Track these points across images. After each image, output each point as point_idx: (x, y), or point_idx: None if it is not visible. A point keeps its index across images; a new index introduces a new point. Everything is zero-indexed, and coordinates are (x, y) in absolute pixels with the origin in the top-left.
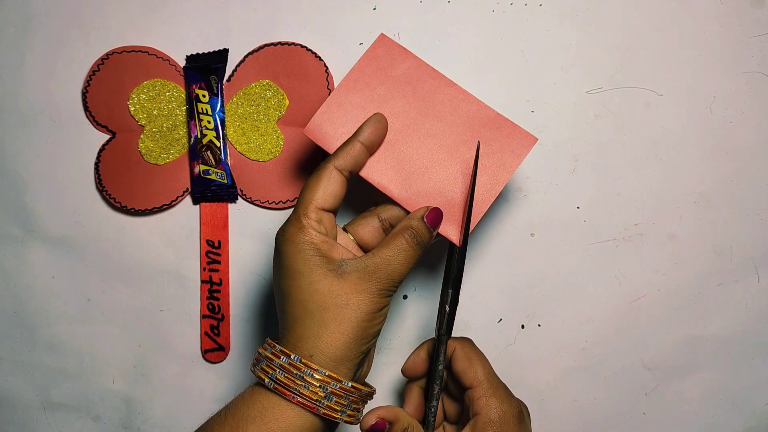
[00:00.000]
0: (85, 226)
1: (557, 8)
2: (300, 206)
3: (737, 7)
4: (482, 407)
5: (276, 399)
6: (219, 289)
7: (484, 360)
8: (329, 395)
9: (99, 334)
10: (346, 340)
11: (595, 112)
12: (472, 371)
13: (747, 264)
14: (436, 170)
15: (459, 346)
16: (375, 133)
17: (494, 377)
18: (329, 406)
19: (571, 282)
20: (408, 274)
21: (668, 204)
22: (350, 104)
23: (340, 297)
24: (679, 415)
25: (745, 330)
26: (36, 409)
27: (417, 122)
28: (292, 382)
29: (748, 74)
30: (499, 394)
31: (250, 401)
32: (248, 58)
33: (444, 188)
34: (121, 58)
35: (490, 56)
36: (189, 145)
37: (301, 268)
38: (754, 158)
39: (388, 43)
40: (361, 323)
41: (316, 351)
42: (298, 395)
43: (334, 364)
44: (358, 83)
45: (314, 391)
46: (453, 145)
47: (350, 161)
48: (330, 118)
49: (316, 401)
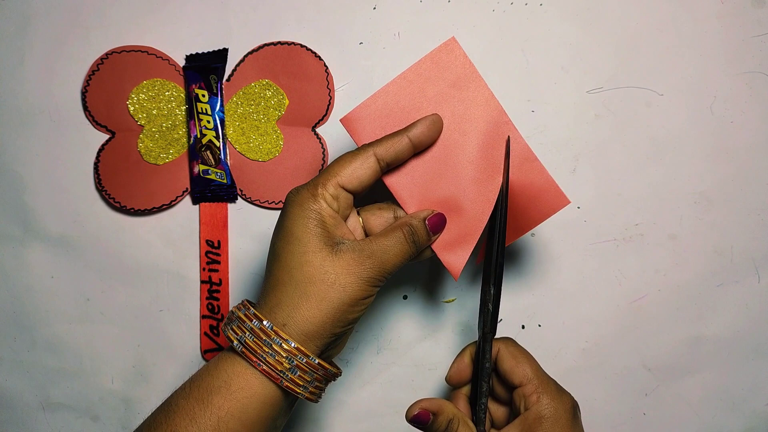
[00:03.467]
0: (85, 226)
1: (557, 8)
2: (322, 176)
3: (737, 7)
4: (533, 404)
5: (241, 367)
6: (219, 289)
7: (531, 357)
8: (294, 368)
9: (98, 334)
10: (323, 318)
11: (596, 112)
12: (520, 369)
13: (747, 264)
14: (461, 201)
15: (503, 345)
16: (426, 133)
17: (543, 374)
18: (292, 379)
19: (571, 282)
20: (400, 268)
21: (669, 204)
22: (395, 104)
23: (329, 274)
24: (679, 415)
25: (745, 330)
26: (35, 409)
27: (456, 145)
28: (259, 348)
29: (749, 74)
30: (550, 390)
31: (214, 371)
32: (248, 58)
33: (463, 219)
34: (120, 58)
35: (490, 56)
36: (188, 144)
37: (300, 234)
38: (755, 158)
39: (456, 52)
40: (342, 306)
41: (291, 321)
42: (264, 363)
43: (304, 338)
44: (411, 85)
45: (280, 360)
46: (484, 179)
47: (392, 153)
48: (371, 114)
49: (280, 372)
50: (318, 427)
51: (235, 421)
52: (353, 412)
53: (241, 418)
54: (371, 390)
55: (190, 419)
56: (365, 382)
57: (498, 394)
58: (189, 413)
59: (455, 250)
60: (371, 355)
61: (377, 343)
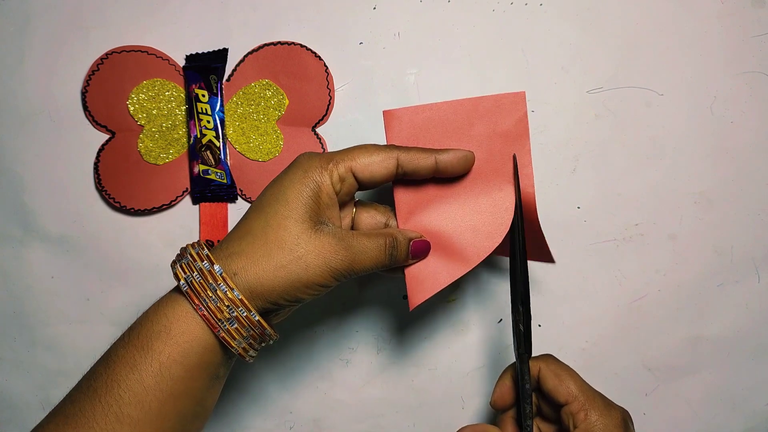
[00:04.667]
0: (85, 226)
1: (557, 8)
2: (339, 153)
3: (738, 7)
4: (581, 421)
5: (182, 311)
6: None
7: (573, 373)
8: (233, 319)
9: (98, 334)
10: (274, 284)
11: (596, 112)
12: (564, 387)
13: (747, 264)
14: (451, 243)
15: (543, 364)
16: (454, 165)
17: (589, 389)
18: (229, 330)
19: (571, 282)
20: (368, 272)
21: (669, 204)
22: (439, 123)
23: (300, 248)
24: (679, 415)
25: (745, 330)
26: (35, 409)
27: (474, 190)
28: (203, 291)
29: (749, 74)
30: (597, 405)
31: (154, 317)
32: (248, 58)
33: (444, 260)
34: (120, 58)
35: (490, 56)
36: (188, 144)
37: (291, 198)
38: (755, 158)
39: (520, 106)
40: (298, 282)
41: (243, 273)
42: (206, 308)
43: (249, 294)
44: (463, 114)
45: (221, 308)
46: (483, 235)
47: (413, 165)
48: (412, 120)
49: (219, 321)
50: (318, 427)
51: (177, 366)
52: (353, 412)
53: (183, 362)
54: (371, 390)
55: (130, 367)
56: (365, 382)
57: (546, 414)
58: (129, 361)
59: (423, 284)
60: (371, 355)
61: (377, 343)
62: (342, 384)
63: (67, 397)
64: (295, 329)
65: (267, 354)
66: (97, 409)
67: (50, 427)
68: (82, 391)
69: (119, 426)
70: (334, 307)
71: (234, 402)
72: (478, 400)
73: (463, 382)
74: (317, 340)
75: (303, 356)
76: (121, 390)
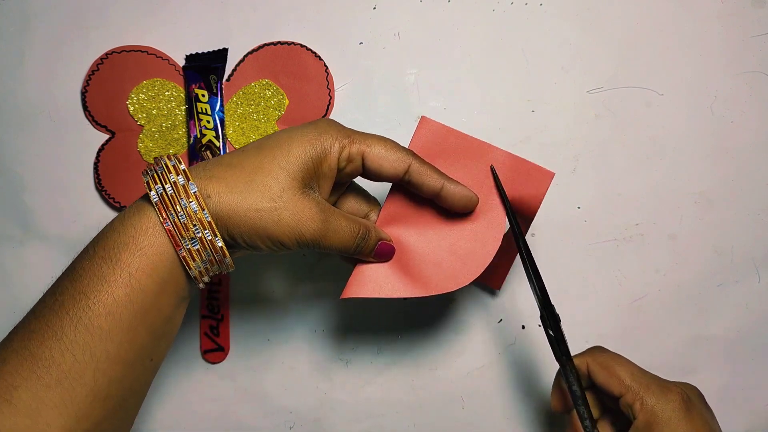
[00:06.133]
0: (85, 226)
1: (557, 8)
2: (358, 134)
3: (738, 7)
4: (638, 411)
5: (149, 223)
6: (218, 289)
7: (623, 361)
8: (196, 240)
9: None
10: (241, 223)
11: (596, 112)
12: (614, 379)
13: (748, 264)
14: (413, 265)
15: (590, 359)
16: (456, 200)
17: (642, 374)
18: (191, 250)
19: (571, 282)
20: (328, 252)
21: (669, 204)
22: (463, 155)
23: (281, 200)
24: None
25: (745, 330)
26: None
27: (462, 232)
28: (172, 205)
29: (749, 74)
30: (652, 391)
31: (120, 228)
32: (248, 58)
33: (396, 275)
34: (120, 58)
35: (490, 56)
36: (188, 144)
37: (293, 150)
38: (755, 158)
39: (544, 182)
40: (264, 232)
41: (216, 198)
42: (172, 223)
43: (217, 219)
44: (490, 157)
45: (187, 225)
46: (449, 275)
47: (419, 179)
48: (441, 140)
49: (182, 238)
50: (318, 427)
51: (146, 278)
52: (353, 412)
53: (152, 275)
54: (371, 390)
55: (99, 278)
56: (365, 382)
57: (611, 406)
58: (97, 273)
59: (365, 284)
60: (371, 355)
61: (377, 343)
62: (342, 384)
63: (30, 313)
64: (295, 329)
65: (267, 354)
66: (65, 321)
67: (15, 344)
68: (47, 305)
69: (89, 337)
70: (334, 307)
71: (234, 402)
72: (478, 400)
73: (463, 382)
74: (317, 340)
75: (303, 356)
76: (90, 302)
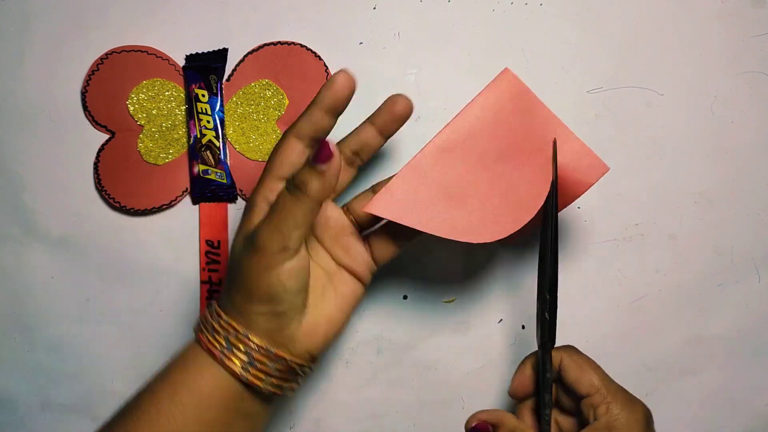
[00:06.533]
0: (84, 226)
1: (558, 8)
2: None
3: (738, 7)
4: (602, 414)
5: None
6: (219, 290)
7: (596, 365)
8: (253, 361)
9: (98, 335)
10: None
11: (596, 112)
12: (586, 379)
13: (748, 264)
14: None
15: (566, 355)
16: (331, 96)
17: (611, 382)
18: (254, 372)
19: (571, 282)
20: (291, 237)
21: (669, 204)
22: (530, 113)
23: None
24: (680, 415)
25: (745, 330)
26: (35, 409)
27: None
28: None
29: (749, 74)
30: (620, 399)
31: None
32: (248, 58)
33: (443, 216)
34: (120, 58)
35: (490, 56)
36: (188, 144)
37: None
38: (755, 158)
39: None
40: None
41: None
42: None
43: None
44: (547, 122)
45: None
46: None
47: (309, 128)
48: (516, 92)
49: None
50: (318, 427)
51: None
52: (353, 412)
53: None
54: (371, 390)
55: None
56: (365, 382)
57: (564, 404)
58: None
59: (392, 204)
60: (371, 355)
61: (377, 343)
62: (342, 384)
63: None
64: None
65: None
66: None
67: None
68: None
69: None
70: None
71: None
72: (478, 400)
73: (463, 382)
74: None
75: None
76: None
